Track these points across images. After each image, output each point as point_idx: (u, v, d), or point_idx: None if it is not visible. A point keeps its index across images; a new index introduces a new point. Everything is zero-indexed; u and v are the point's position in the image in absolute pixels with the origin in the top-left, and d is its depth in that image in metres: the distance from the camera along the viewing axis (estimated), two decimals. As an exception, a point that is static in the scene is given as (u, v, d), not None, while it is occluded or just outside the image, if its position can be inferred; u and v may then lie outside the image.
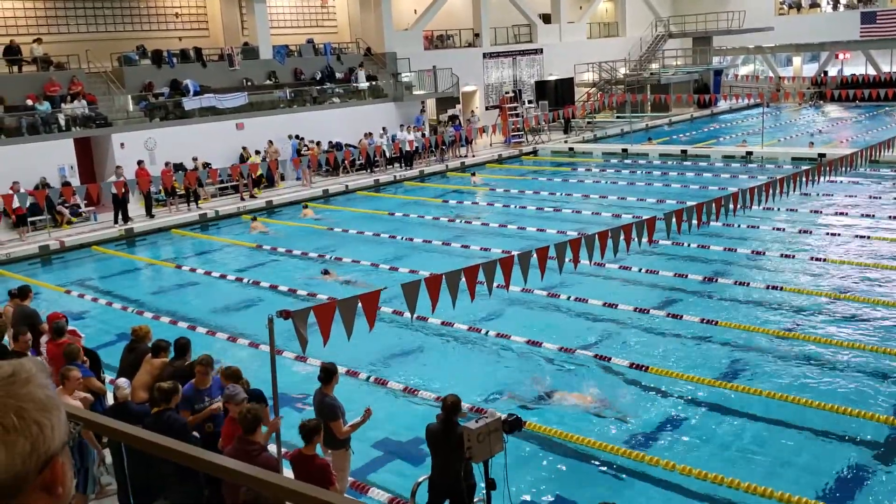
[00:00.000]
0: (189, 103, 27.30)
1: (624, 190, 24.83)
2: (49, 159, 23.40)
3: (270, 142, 27.83)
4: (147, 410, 7.72)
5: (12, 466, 1.28)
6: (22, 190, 20.77)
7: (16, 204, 20.83)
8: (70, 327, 10.32)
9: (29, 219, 21.86)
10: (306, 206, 23.41)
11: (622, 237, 11.11)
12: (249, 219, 18.15)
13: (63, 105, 24.78)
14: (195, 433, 7.67)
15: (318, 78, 32.06)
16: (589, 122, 39.65)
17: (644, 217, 11.92)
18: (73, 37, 28.49)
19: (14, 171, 21.94)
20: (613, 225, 12.02)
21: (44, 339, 10.25)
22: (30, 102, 24.30)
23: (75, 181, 23.39)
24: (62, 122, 24.43)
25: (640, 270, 15.81)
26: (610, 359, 11.57)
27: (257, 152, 27.54)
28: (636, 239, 11.36)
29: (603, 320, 13.37)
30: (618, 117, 40.77)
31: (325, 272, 16.82)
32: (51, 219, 22.29)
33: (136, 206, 23.28)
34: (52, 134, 24.07)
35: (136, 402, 8.17)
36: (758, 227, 18.75)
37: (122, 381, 8.18)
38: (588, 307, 13.92)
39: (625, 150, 32.36)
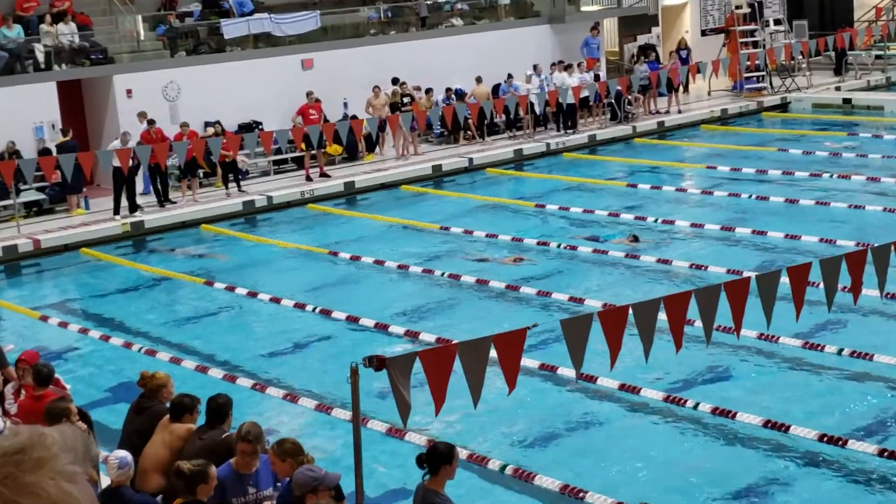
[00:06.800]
0: (231, 28, 27.81)
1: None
2: (20, 114, 24.25)
3: (377, 88, 28.02)
4: (153, 502, 7.92)
5: None
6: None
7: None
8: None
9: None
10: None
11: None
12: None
13: (42, 27, 25.64)
14: None
15: (428, -13, 32.40)
16: (878, 58, 38.40)
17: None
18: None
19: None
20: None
21: (9, 387, 10.66)
22: (-7, 26, 25.43)
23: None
24: (40, 57, 25.31)
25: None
26: None
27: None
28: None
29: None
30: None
31: None
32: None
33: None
34: (25, 74, 24.98)
35: (142, 489, 8.40)
36: None
37: (118, 455, 8.40)
38: None
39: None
